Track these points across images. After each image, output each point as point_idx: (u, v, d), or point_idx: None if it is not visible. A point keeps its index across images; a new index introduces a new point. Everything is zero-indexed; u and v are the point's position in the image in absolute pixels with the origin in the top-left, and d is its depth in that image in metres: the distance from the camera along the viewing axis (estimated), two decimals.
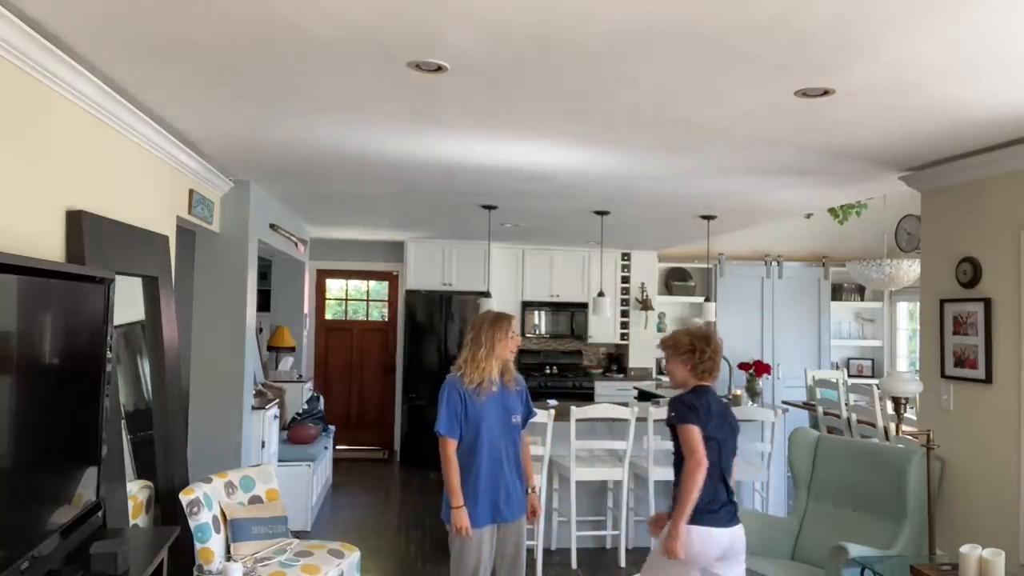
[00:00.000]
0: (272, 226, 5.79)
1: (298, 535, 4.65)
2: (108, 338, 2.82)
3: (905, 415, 4.11)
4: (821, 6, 2.13)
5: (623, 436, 5.13)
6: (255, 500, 3.95)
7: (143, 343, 3.74)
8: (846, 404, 6.38)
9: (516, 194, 5.39)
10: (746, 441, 5.50)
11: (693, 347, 3.11)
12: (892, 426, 5.44)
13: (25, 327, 2.25)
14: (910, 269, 6.53)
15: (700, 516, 2.98)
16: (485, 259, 8.47)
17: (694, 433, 3.00)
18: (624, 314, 9.00)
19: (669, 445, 5.16)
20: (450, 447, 3.32)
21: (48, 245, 2.69)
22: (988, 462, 3.81)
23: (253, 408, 5.27)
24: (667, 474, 5.25)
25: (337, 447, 8.22)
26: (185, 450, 4.14)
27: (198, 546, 3.47)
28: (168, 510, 3.66)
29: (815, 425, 6.85)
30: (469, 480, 3.32)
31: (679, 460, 3.08)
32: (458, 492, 3.29)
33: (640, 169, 4.44)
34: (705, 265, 8.83)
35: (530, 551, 4.73)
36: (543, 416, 4.77)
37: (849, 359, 9.21)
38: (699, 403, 3.08)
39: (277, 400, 6.06)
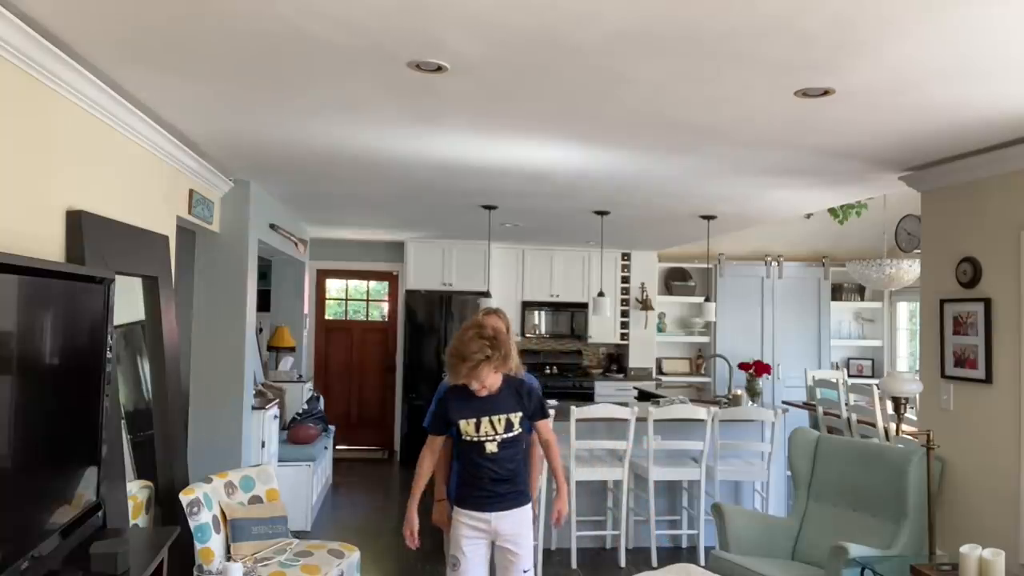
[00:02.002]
0: (272, 226, 5.79)
1: (298, 535, 4.64)
2: (108, 338, 2.82)
3: (905, 415, 4.11)
4: (822, 6, 2.13)
5: (623, 436, 5.13)
6: (255, 500, 3.95)
7: (143, 343, 3.74)
8: (846, 404, 6.38)
9: (516, 194, 5.39)
10: (746, 441, 5.53)
11: (489, 356, 2.89)
12: (892, 426, 5.44)
13: (25, 327, 2.25)
14: (910, 269, 6.53)
15: None
16: (485, 259, 8.47)
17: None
18: (624, 314, 9.00)
19: (669, 445, 5.22)
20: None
21: (48, 245, 2.69)
22: (988, 462, 3.81)
23: (253, 408, 5.27)
24: (667, 474, 5.28)
25: (337, 447, 8.22)
26: (185, 450, 4.15)
27: (198, 546, 3.47)
28: (168, 510, 3.66)
29: (815, 425, 6.85)
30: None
31: (518, 443, 3.07)
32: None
33: (640, 169, 4.44)
34: (705, 265, 8.83)
35: None
36: None
37: (849, 359, 9.21)
38: None
39: (277, 400, 6.06)
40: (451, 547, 3.06)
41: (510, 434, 3.02)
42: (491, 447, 2.99)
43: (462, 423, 3.01)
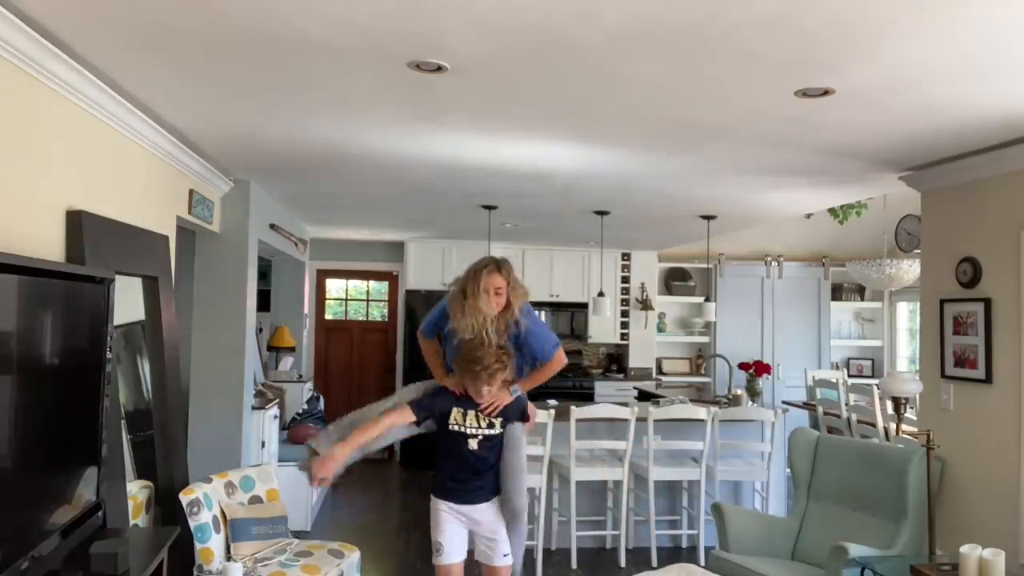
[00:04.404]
0: (272, 226, 5.79)
1: (298, 535, 4.64)
2: (108, 338, 2.82)
3: (905, 415, 4.11)
4: (822, 5, 2.13)
5: (623, 436, 5.13)
6: (255, 500, 3.95)
7: (143, 343, 3.74)
8: (846, 404, 6.38)
9: (516, 194, 5.39)
10: (746, 441, 5.53)
11: (504, 364, 3.14)
12: (892, 426, 5.44)
13: (25, 327, 2.25)
14: (910, 269, 6.53)
15: None
16: None
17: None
18: (624, 314, 9.00)
19: (669, 445, 5.22)
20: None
21: (48, 245, 2.69)
22: (988, 462, 3.81)
23: (253, 408, 5.27)
24: (667, 474, 5.28)
25: None
26: (185, 450, 4.14)
27: (198, 546, 3.47)
28: (168, 510, 3.66)
29: (815, 425, 6.85)
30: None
31: (497, 442, 3.21)
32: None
33: (640, 169, 4.44)
34: (705, 265, 8.83)
35: (530, 551, 4.72)
36: (543, 416, 4.77)
37: (849, 359, 9.21)
38: None
39: (277, 400, 6.06)
40: (433, 533, 3.24)
41: (491, 431, 3.21)
42: (473, 444, 3.18)
43: (454, 410, 3.19)
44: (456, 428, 3.18)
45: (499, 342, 3.19)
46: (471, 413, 3.19)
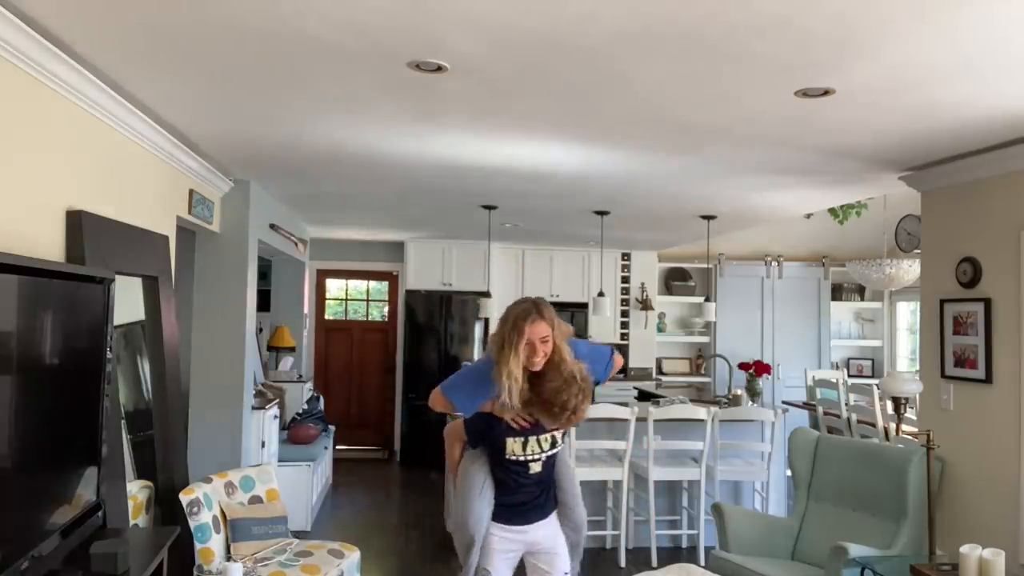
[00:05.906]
0: (272, 226, 5.79)
1: (298, 535, 4.64)
2: (108, 338, 2.82)
3: (905, 415, 4.11)
4: (822, 5, 2.13)
5: (623, 436, 5.13)
6: (255, 500, 3.95)
7: (143, 343, 3.74)
8: (846, 404, 6.38)
9: (516, 194, 5.39)
10: (746, 441, 5.53)
11: (586, 393, 2.74)
12: (892, 426, 5.43)
13: (25, 327, 2.25)
14: (910, 269, 6.53)
15: None
16: (485, 259, 8.47)
17: None
18: (624, 314, 9.00)
19: (669, 445, 5.22)
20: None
21: (48, 245, 2.69)
22: (988, 462, 3.81)
23: (253, 408, 5.27)
24: (667, 474, 5.28)
25: (337, 447, 8.21)
26: (185, 450, 4.15)
27: (198, 546, 3.47)
28: (168, 510, 3.66)
29: (815, 425, 6.85)
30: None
31: (557, 454, 2.93)
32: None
33: (640, 169, 4.44)
34: (705, 265, 8.83)
35: None
36: None
37: (849, 359, 9.21)
38: None
39: (277, 400, 6.06)
40: (482, 559, 2.85)
41: (554, 450, 2.90)
42: (535, 467, 2.86)
43: (509, 441, 2.81)
44: (514, 458, 2.82)
45: (573, 373, 2.71)
46: (532, 439, 2.81)
